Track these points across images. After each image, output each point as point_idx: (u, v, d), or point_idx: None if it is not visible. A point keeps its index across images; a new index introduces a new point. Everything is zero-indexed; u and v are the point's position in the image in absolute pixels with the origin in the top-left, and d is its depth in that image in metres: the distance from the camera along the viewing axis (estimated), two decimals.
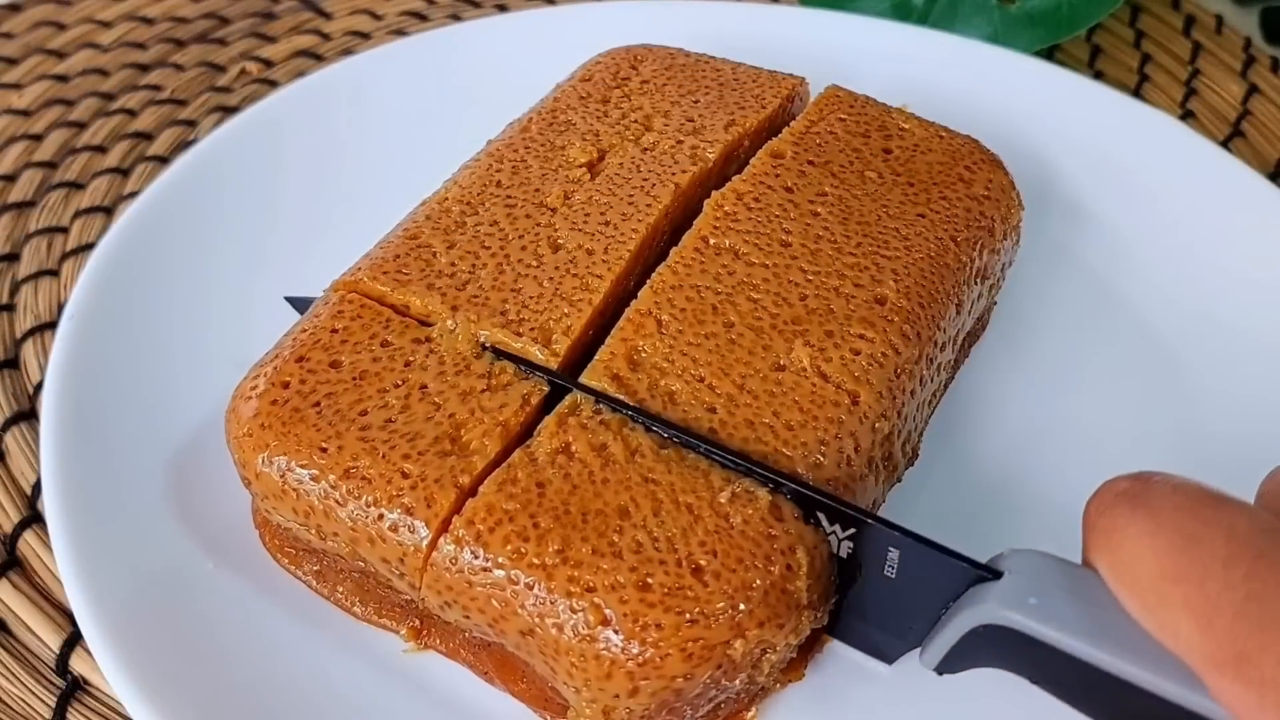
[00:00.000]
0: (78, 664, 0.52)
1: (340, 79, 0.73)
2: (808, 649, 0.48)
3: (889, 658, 0.47)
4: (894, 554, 0.43)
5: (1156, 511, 0.35)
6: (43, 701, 0.51)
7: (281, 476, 0.45)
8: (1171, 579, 0.33)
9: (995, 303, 0.62)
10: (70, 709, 0.50)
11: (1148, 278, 0.64)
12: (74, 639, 0.52)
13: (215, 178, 0.66)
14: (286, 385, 0.48)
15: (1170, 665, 0.34)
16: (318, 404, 0.47)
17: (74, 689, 0.51)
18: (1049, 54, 0.86)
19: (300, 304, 0.56)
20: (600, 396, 0.47)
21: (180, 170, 0.66)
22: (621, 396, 0.47)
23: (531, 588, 0.42)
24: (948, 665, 0.42)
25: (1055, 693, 0.39)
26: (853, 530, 0.43)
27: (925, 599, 0.42)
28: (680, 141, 0.58)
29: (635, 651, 0.40)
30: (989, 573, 0.40)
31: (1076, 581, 0.38)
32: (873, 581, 0.44)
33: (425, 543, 0.43)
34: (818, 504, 0.44)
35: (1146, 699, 0.35)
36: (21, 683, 0.51)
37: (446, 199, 0.56)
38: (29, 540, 0.56)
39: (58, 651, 0.52)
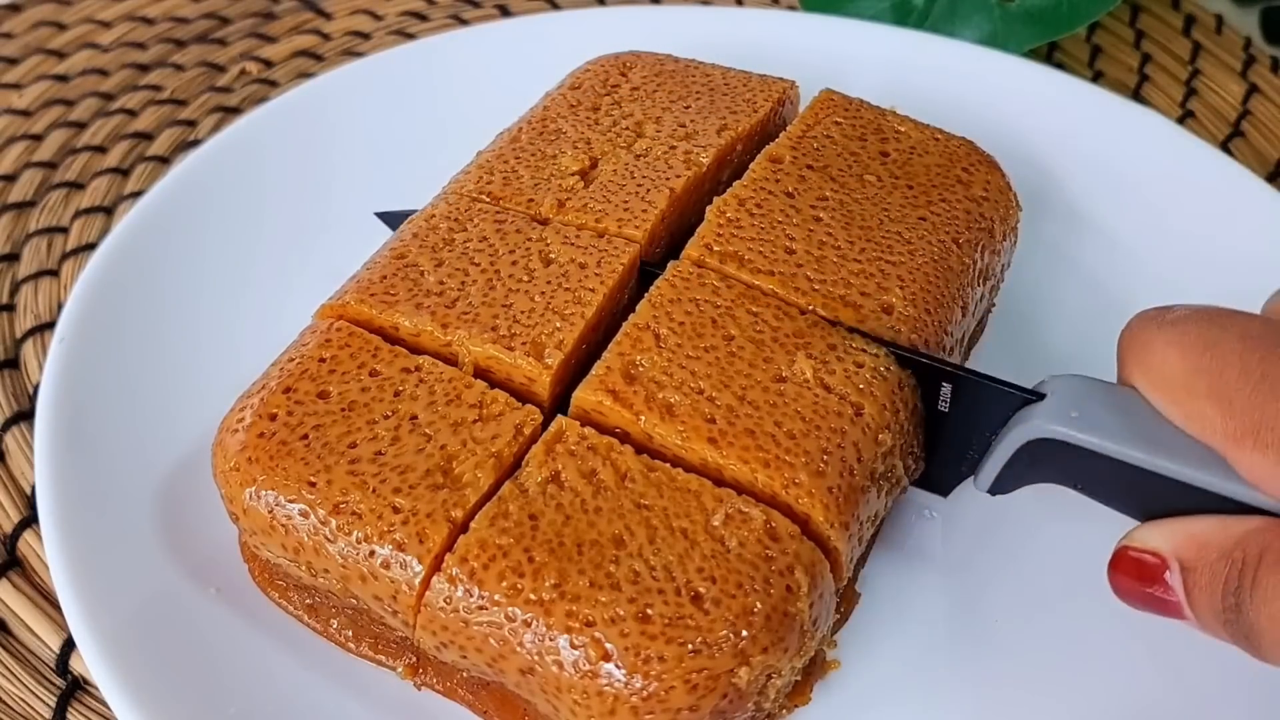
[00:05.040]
0: (78, 664, 0.50)
1: (322, 94, 0.69)
2: (813, 672, 0.45)
3: (944, 489, 0.50)
4: (946, 388, 0.46)
5: (1179, 322, 0.39)
6: (43, 701, 0.49)
7: (270, 512, 0.42)
8: (1195, 373, 0.38)
9: (995, 305, 0.59)
10: (70, 709, 0.49)
11: (1145, 278, 0.61)
12: (74, 639, 0.49)
13: (203, 195, 0.62)
14: (274, 417, 0.44)
15: (1198, 457, 0.38)
16: (305, 436, 0.44)
17: (74, 689, 0.49)
18: (1049, 54, 0.83)
19: (393, 219, 0.56)
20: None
21: (168, 187, 0.62)
22: (617, 409, 0.44)
23: (530, 624, 0.39)
24: (999, 485, 0.45)
25: (1096, 495, 0.43)
26: (908, 371, 0.47)
27: (977, 427, 0.46)
28: (673, 147, 0.55)
29: (639, 686, 0.38)
30: (1034, 396, 0.43)
31: (1112, 396, 0.41)
32: (928, 416, 0.47)
33: (418, 579, 0.41)
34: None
35: (1177, 488, 0.39)
36: (21, 683, 0.49)
37: (434, 215, 0.52)
38: (29, 540, 0.54)
39: (58, 651, 0.50)
